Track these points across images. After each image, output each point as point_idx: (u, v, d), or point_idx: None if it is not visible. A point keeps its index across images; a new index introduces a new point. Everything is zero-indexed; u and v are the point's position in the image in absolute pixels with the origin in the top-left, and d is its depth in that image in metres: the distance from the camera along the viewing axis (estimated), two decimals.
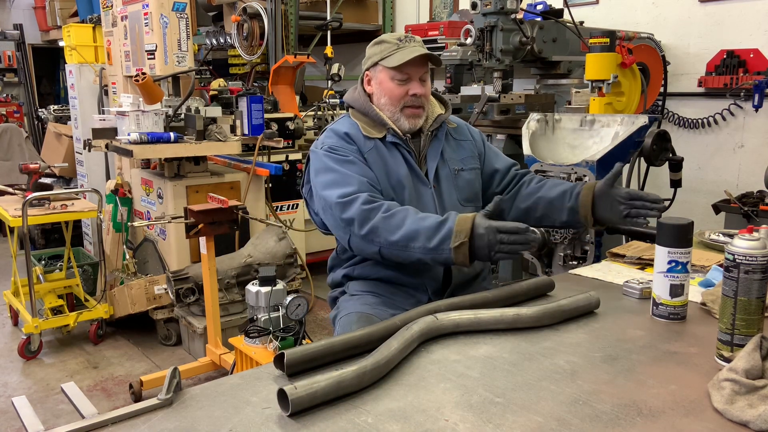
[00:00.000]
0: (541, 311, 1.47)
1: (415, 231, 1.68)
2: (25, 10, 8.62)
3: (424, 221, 1.70)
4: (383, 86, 1.94)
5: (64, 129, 5.67)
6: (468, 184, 2.02)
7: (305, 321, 2.58)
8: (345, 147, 1.91)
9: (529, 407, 1.12)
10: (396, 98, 1.92)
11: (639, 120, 2.81)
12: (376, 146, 1.93)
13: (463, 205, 1.98)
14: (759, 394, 1.08)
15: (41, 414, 3.03)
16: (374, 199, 1.78)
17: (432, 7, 6.24)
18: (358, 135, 1.94)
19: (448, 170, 1.99)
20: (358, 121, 1.98)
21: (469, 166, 2.04)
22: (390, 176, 1.91)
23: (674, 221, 1.48)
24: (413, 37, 1.93)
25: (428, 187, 1.94)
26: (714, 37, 4.17)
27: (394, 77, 1.91)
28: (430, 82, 1.98)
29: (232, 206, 2.99)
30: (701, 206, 4.07)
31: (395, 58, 1.88)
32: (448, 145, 2.03)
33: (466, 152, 2.06)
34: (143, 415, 1.11)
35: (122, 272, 4.03)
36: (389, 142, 1.94)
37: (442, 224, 1.67)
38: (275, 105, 4.46)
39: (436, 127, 1.99)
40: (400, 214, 1.73)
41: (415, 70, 1.91)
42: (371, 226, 1.73)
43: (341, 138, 1.93)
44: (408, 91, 1.91)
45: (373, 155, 1.92)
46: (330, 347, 1.28)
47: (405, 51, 1.88)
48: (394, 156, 1.94)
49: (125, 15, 4.21)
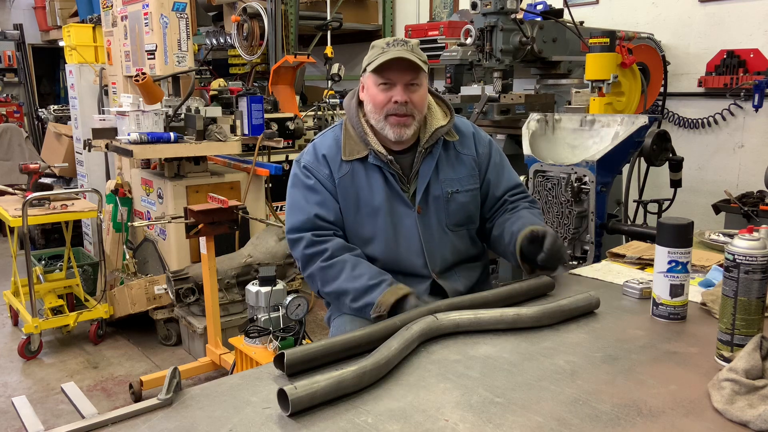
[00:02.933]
0: (541, 311, 1.47)
1: (345, 290, 1.75)
2: (25, 10, 8.62)
3: (356, 281, 1.73)
4: (369, 92, 1.85)
5: (64, 129, 5.67)
6: (461, 208, 1.92)
7: (305, 321, 2.58)
8: (317, 170, 1.87)
9: (529, 407, 1.12)
10: (379, 105, 1.81)
11: (639, 120, 2.81)
12: (352, 170, 1.86)
13: (451, 230, 1.91)
14: (759, 394, 1.08)
15: (41, 414, 3.03)
16: (317, 241, 1.81)
17: (432, 7, 6.24)
18: (335, 157, 1.87)
19: (440, 191, 1.88)
20: (345, 135, 1.90)
21: (466, 187, 1.92)
22: (361, 203, 1.85)
23: (674, 221, 1.48)
24: (405, 41, 1.81)
25: (412, 211, 1.86)
26: (714, 37, 4.17)
27: (377, 82, 1.81)
28: (424, 88, 1.85)
29: (232, 206, 2.99)
30: (701, 206, 4.07)
31: (376, 62, 1.78)
32: (446, 161, 1.91)
33: (466, 170, 1.93)
34: (143, 415, 1.11)
35: (122, 272, 4.03)
36: (371, 163, 1.85)
37: (370, 290, 1.70)
38: (275, 105, 4.46)
39: (432, 143, 1.88)
40: (336, 267, 1.77)
41: (398, 76, 1.79)
42: (310, 272, 1.82)
43: (317, 159, 1.88)
44: (391, 97, 1.79)
45: (346, 181, 1.85)
46: (330, 347, 1.28)
47: (387, 54, 1.77)
48: (373, 180, 1.85)
49: (125, 15, 4.21)
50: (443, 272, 1.91)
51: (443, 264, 1.91)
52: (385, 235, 1.85)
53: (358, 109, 1.92)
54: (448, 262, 1.92)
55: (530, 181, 2.97)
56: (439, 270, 1.90)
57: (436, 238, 1.89)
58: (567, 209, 2.86)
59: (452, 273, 1.93)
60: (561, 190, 2.86)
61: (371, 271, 1.75)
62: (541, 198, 2.94)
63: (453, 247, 1.92)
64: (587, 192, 2.82)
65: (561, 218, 2.88)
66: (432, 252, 1.88)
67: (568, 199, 2.84)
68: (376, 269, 1.78)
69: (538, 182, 2.95)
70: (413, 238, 1.86)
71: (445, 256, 1.90)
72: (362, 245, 1.86)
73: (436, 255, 1.89)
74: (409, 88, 1.80)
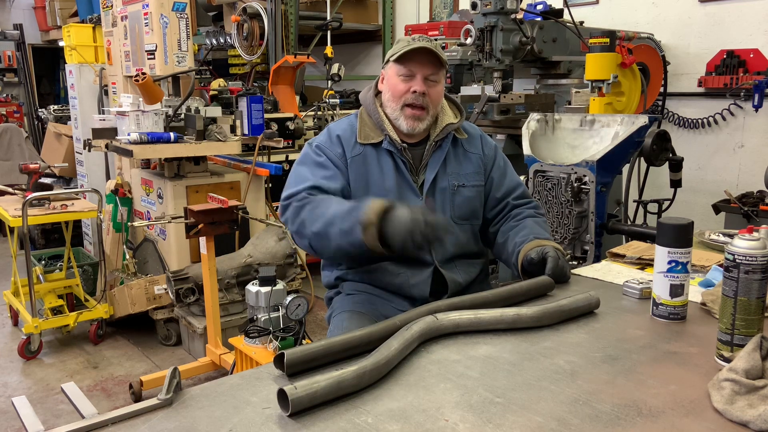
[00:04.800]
0: (541, 311, 1.47)
1: (333, 216, 1.68)
2: (25, 10, 8.62)
3: (343, 205, 1.70)
4: (390, 82, 1.92)
5: (64, 129, 5.67)
6: (466, 202, 1.97)
7: (305, 321, 2.58)
8: (329, 148, 1.91)
9: (529, 407, 1.12)
10: (398, 94, 1.89)
11: (639, 120, 2.81)
12: (364, 153, 1.91)
13: (456, 223, 1.94)
14: (759, 394, 1.08)
15: (41, 414, 3.03)
16: (309, 196, 1.79)
17: (432, 7, 6.24)
18: (349, 139, 1.93)
19: (447, 184, 1.94)
20: (361, 122, 1.96)
21: (472, 182, 1.98)
22: (371, 185, 1.89)
23: (674, 221, 1.48)
24: (430, 39, 1.89)
25: (419, 199, 1.90)
26: (714, 37, 4.17)
27: (399, 72, 1.88)
28: (442, 86, 1.93)
29: (232, 206, 2.99)
30: (701, 206, 4.08)
31: (401, 51, 1.86)
32: (454, 156, 1.97)
33: (472, 167, 2.00)
34: (143, 415, 1.11)
35: (122, 272, 4.03)
36: (384, 149, 1.91)
37: (355, 210, 1.63)
38: (275, 105, 4.46)
39: (443, 137, 1.95)
40: (324, 203, 1.74)
41: (419, 68, 1.87)
42: (300, 219, 1.77)
43: (330, 139, 1.94)
44: (410, 87, 1.87)
45: (357, 162, 1.90)
46: (330, 347, 1.28)
47: (411, 45, 1.86)
48: (384, 164, 1.91)
49: (125, 15, 4.21)
50: (445, 262, 1.93)
51: (444, 254, 1.93)
52: None
53: (375, 99, 1.99)
54: (449, 252, 1.94)
55: (530, 181, 2.97)
56: (441, 259, 1.92)
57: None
58: (567, 209, 2.86)
59: (453, 264, 1.95)
60: (561, 190, 2.86)
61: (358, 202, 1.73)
62: (541, 198, 2.94)
63: (456, 239, 1.94)
64: (587, 192, 2.83)
65: (561, 218, 2.88)
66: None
67: (568, 199, 2.84)
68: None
69: (538, 182, 2.95)
70: None
71: (446, 247, 1.92)
72: None
73: (438, 245, 1.88)
74: (428, 82, 1.88)
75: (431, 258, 1.90)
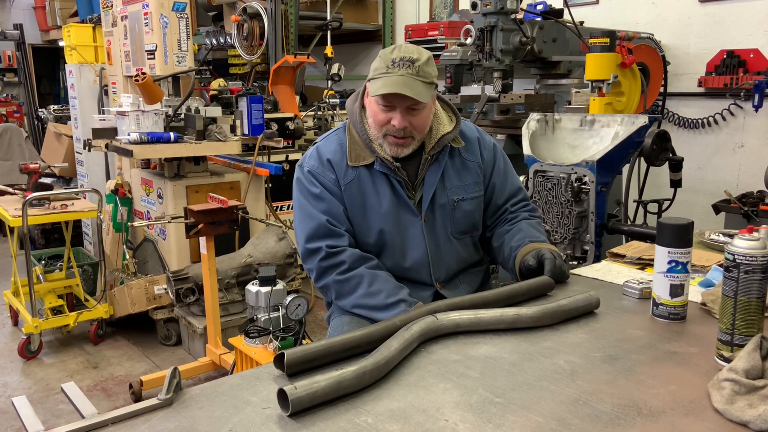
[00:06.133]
0: (541, 311, 1.47)
1: (360, 306, 1.76)
2: (25, 10, 8.62)
3: (373, 299, 1.72)
4: (371, 107, 1.80)
5: (64, 129, 5.67)
6: (466, 216, 1.90)
7: (305, 321, 2.58)
8: (322, 174, 1.83)
9: (529, 407, 1.12)
10: (378, 123, 1.77)
11: (639, 120, 2.81)
12: (358, 176, 1.82)
13: (456, 238, 1.90)
14: (759, 394, 1.08)
15: (41, 414, 3.03)
16: (333, 252, 1.78)
17: (432, 7, 6.24)
18: (340, 163, 1.83)
19: (446, 199, 1.86)
20: (350, 141, 1.85)
21: (471, 194, 1.90)
22: (368, 210, 1.83)
23: (674, 221, 1.48)
24: (411, 61, 1.70)
25: (418, 219, 1.84)
26: (714, 37, 4.17)
27: (378, 101, 1.75)
28: (427, 110, 1.78)
29: (232, 206, 2.99)
30: (701, 206, 4.08)
31: (376, 85, 1.72)
32: (452, 168, 1.88)
33: (471, 177, 1.91)
34: (143, 415, 1.11)
35: (122, 272, 4.03)
36: (377, 170, 1.82)
37: (386, 310, 1.69)
38: (275, 105, 4.46)
39: (438, 150, 1.84)
40: (353, 282, 1.76)
41: (399, 100, 1.71)
42: (325, 283, 1.82)
43: (322, 164, 1.85)
44: (390, 119, 1.74)
45: (353, 188, 1.82)
46: (330, 347, 1.28)
47: (388, 79, 1.69)
48: (380, 186, 1.82)
49: (125, 15, 4.21)
50: (447, 281, 1.91)
51: (448, 273, 1.90)
52: (391, 242, 1.84)
53: (362, 113, 1.87)
54: (452, 270, 1.92)
55: (530, 181, 2.97)
56: (443, 279, 1.90)
57: (442, 247, 1.88)
58: (567, 209, 2.86)
59: (456, 281, 1.93)
60: (561, 190, 2.86)
61: (388, 287, 1.73)
62: (541, 198, 2.94)
63: (457, 255, 1.92)
64: (587, 192, 2.83)
65: (561, 218, 2.88)
66: (437, 260, 1.87)
67: (568, 199, 2.84)
68: (394, 283, 1.76)
69: (538, 182, 2.95)
70: (419, 246, 1.85)
71: (449, 265, 1.90)
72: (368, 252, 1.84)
73: (440, 263, 1.88)
74: (410, 110, 1.74)
75: (432, 280, 1.87)
